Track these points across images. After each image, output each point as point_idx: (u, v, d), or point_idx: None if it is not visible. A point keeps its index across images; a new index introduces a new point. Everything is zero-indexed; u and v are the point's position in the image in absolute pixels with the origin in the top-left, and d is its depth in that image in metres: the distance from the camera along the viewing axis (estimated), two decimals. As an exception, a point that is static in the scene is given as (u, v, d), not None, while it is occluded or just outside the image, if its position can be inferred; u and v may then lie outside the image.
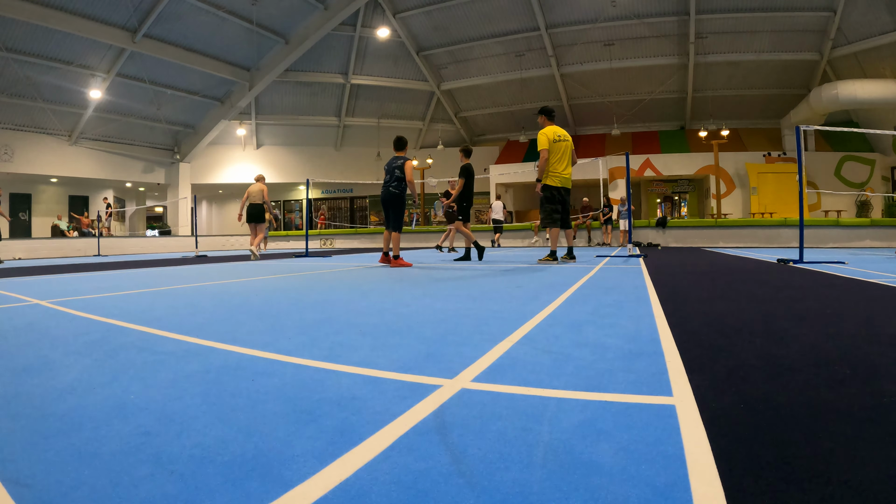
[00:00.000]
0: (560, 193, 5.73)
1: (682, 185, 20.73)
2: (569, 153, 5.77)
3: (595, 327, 1.83)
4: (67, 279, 4.81)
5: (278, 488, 0.69)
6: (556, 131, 5.73)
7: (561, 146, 5.69)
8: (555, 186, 5.70)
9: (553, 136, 5.67)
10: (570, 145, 5.79)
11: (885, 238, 12.15)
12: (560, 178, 5.71)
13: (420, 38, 18.97)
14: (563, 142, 5.71)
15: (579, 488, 0.68)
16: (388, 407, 1.01)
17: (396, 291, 3.14)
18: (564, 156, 5.72)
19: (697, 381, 1.16)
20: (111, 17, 14.33)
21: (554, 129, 5.73)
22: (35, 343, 1.74)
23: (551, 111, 5.90)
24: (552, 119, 5.88)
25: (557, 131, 5.74)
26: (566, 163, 5.73)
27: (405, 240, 17.44)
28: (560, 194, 5.73)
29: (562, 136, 5.74)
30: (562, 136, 5.73)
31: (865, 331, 1.72)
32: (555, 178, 5.70)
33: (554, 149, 5.66)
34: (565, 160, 5.73)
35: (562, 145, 5.70)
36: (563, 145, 5.71)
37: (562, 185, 5.72)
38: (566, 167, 5.74)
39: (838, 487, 0.66)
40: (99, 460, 0.79)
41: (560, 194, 5.73)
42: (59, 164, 17.65)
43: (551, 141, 5.64)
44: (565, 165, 5.72)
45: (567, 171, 5.75)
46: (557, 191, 5.71)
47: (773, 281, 3.59)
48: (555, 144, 5.66)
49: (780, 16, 15.41)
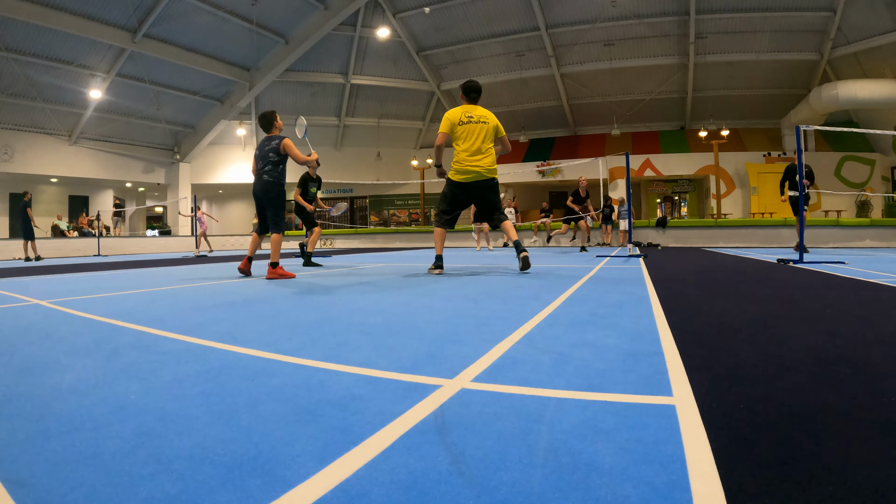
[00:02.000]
0: (466, 190, 4.48)
1: (682, 185, 20.75)
2: (479, 137, 4.40)
3: (595, 327, 1.83)
4: (67, 279, 4.81)
5: (278, 488, 0.69)
6: (468, 110, 4.45)
7: (468, 128, 4.40)
8: (458, 181, 4.47)
9: (460, 117, 4.42)
10: (483, 127, 4.42)
11: (885, 238, 12.15)
12: (466, 170, 4.43)
13: (420, 38, 18.97)
14: (472, 123, 4.40)
15: (579, 488, 0.68)
16: (389, 407, 1.01)
17: (396, 291, 3.14)
18: (471, 141, 4.39)
19: (697, 381, 1.16)
20: (111, 17, 14.33)
21: (465, 108, 4.48)
22: (35, 343, 1.74)
23: (469, 87, 4.58)
24: (468, 97, 4.57)
25: (469, 111, 4.45)
26: (475, 150, 4.39)
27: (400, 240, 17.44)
28: (466, 191, 4.49)
29: (475, 116, 4.42)
30: (474, 117, 4.41)
31: (865, 331, 1.72)
32: (458, 172, 4.46)
33: (459, 132, 4.41)
34: (474, 147, 4.38)
35: (469, 128, 4.40)
36: (470, 128, 4.40)
37: (467, 181, 4.44)
38: (475, 156, 4.39)
39: (838, 487, 0.66)
40: (99, 460, 0.79)
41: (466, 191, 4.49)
42: (59, 164, 17.66)
43: (455, 123, 4.42)
44: (476, 154, 4.39)
45: (481, 161, 4.40)
46: (461, 186, 4.46)
47: (773, 281, 3.59)
48: (460, 127, 4.41)
49: (780, 16, 15.41)
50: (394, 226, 22.48)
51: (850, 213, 16.33)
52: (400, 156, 22.75)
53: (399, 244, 17.13)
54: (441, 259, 4.54)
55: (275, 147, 4.49)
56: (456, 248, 13.53)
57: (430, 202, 22.68)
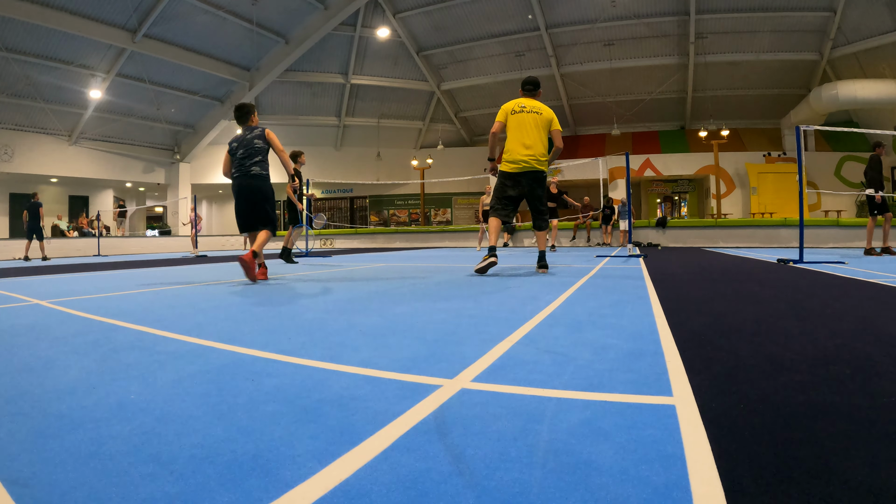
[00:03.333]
0: (515, 181, 4.43)
1: (682, 185, 20.75)
2: (531, 128, 4.37)
3: (595, 327, 1.83)
4: (67, 279, 4.81)
5: (278, 488, 0.69)
6: (521, 102, 4.47)
7: (518, 119, 4.39)
8: (508, 172, 4.44)
9: (512, 107, 4.44)
10: (534, 118, 4.39)
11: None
12: (516, 160, 4.38)
13: (420, 38, 18.97)
14: (524, 113, 4.39)
15: (579, 488, 0.68)
16: (388, 407, 1.01)
17: (396, 291, 3.14)
18: (523, 131, 4.36)
19: (697, 381, 1.16)
20: (111, 17, 14.33)
21: (519, 100, 4.50)
22: (35, 343, 1.74)
23: (527, 81, 4.62)
24: (524, 90, 4.61)
25: (522, 102, 4.46)
26: (526, 141, 4.36)
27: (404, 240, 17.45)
28: (515, 182, 4.43)
29: (527, 106, 4.42)
30: (527, 108, 4.41)
31: (865, 331, 1.72)
32: (508, 162, 4.43)
33: (510, 123, 4.42)
34: (528, 138, 4.35)
35: (520, 118, 4.39)
36: (521, 118, 4.39)
37: (516, 171, 4.39)
38: (530, 146, 4.35)
39: (838, 487, 0.66)
40: (99, 460, 0.79)
41: (515, 182, 4.43)
42: (59, 164, 17.65)
43: (508, 113, 4.43)
44: (524, 144, 4.36)
45: (530, 150, 4.35)
46: (510, 178, 4.43)
47: (772, 281, 3.59)
48: (512, 117, 4.41)
49: (780, 16, 15.41)
50: (394, 226, 22.48)
51: (850, 213, 16.33)
52: (400, 156, 22.75)
53: (399, 244, 17.13)
54: (494, 249, 4.36)
55: (259, 134, 4.19)
56: (456, 248, 13.53)
57: (430, 202, 22.70)
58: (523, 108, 4.43)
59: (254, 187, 4.15)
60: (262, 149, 4.16)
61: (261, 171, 4.17)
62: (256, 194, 4.15)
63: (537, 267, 4.56)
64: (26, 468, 0.77)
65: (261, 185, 4.18)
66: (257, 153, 4.14)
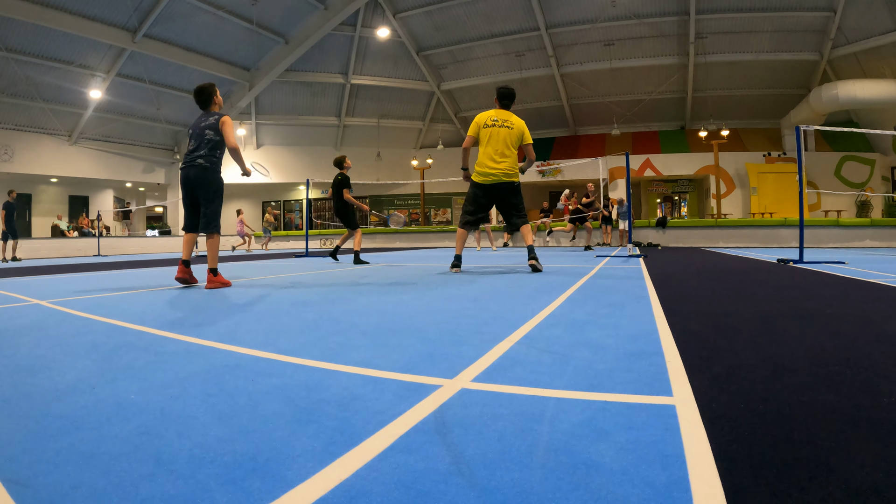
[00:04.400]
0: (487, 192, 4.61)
1: (682, 185, 20.75)
2: (503, 142, 4.52)
3: (595, 327, 1.83)
4: (67, 279, 4.81)
5: (278, 488, 0.69)
6: (492, 115, 4.61)
7: (489, 133, 4.54)
8: (480, 183, 4.61)
9: (485, 120, 4.58)
10: (508, 133, 4.54)
11: (885, 238, 12.14)
12: (488, 173, 4.55)
13: (420, 38, 18.97)
14: (497, 127, 4.54)
15: (579, 488, 0.68)
16: (389, 407, 1.01)
17: (396, 291, 3.14)
18: (493, 145, 4.53)
19: (697, 381, 1.16)
20: (111, 17, 14.34)
21: (492, 112, 4.64)
22: (35, 343, 1.74)
23: (502, 92, 4.73)
24: (501, 102, 4.71)
25: (494, 115, 4.61)
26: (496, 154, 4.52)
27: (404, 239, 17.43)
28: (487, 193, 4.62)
29: (500, 120, 4.56)
30: (500, 121, 4.55)
31: (865, 331, 1.72)
32: (478, 174, 4.60)
33: (482, 136, 4.57)
34: (496, 150, 4.52)
35: (492, 132, 4.54)
36: (493, 131, 4.54)
37: (486, 182, 4.57)
38: (496, 160, 4.52)
39: (838, 487, 0.66)
40: (99, 460, 0.79)
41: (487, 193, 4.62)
42: (59, 164, 17.65)
43: (480, 126, 4.59)
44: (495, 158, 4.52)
45: (501, 164, 4.52)
46: (483, 189, 4.60)
47: (773, 281, 3.59)
48: (484, 130, 4.56)
49: (780, 16, 15.42)
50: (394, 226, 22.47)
51: (850, 213, 16.33)
52: (400, 156, 22.75)
53: (399, 244, 17.13)
54: (459, 259, 4.71)
55: (213, 124, 3.72)
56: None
57: (430, 202, 22.70)
58: (495, 122, 4.57)
59: (195, 180, 3.67)
60: (214, 139, 3.71)
61: (206, 163, 3.68)
62: (197, 189, 3.69)
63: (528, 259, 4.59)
64: (26, 468, 0.77)
65: (205, 178, 3.68)
66: (206, 143, 3.69)
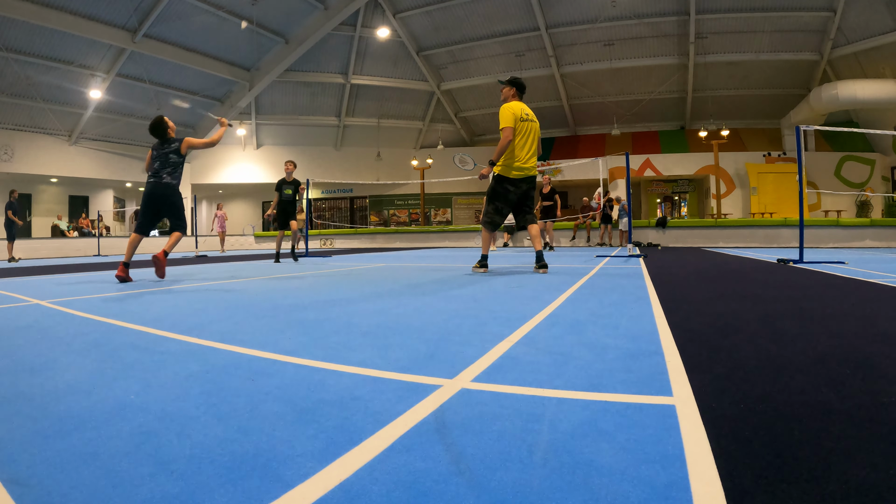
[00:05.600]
0: (517, 188, 4.49)
1: (682, 185, 20.75)
2: (535, 138, 4.54)
3: (595, 327, 1.83)
4: (67, 279, 4.81)
5: (278, 488, 0.69)
6: (524, 108, 4.52)
7: (527, 127, 4.44)
8: (514, 179, 4.45)
9: (521, 114, 4.44)
10: (536, 127, 4.55)
11: (885, 238, 12.15)
12: (523, 168, 4.44)
13: (420, 38, 18.97)
14: (529, 122, 4.47)
15: (579, 488, 0.68)
16: (388, 407, 1.01)
17: (396, 291, 3.14)
18: (530, 141, 4.47)
19: (697, 381, 1.16)
20: (111, 17, 14.33)
21: (521, 105, 4.52)
22: (35, 343, 1.74)
23: (522, 85, 4.64)
24: (522, 95, 4.62)
25: (525, 109, 4.52)
26: (532, 149, 4.49)
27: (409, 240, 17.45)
28: (517, 189, 4.50)
29: (530, 115, 4.53)
30: (530, 115, 4.52)
31: (865, 331, 1.72)
32: (514, 169, 4.43)
33: (520, 129, 4.41)
34: (533, 146, 4.50)
35: (528, 126, 4.45)
36: (528, 126, 4.46)
37: (521, 178, 4.47)
38: (531, 155, 4.49)
39: (838, 487, 0.66)
40: (99, 460, 0.79)
41: (517, 189, 4.50)
42: (59, 164, 17.65)
43: (518, 118, 4.39)
44: (530, 153, 4.48)
45: (532, 160, 4.49)
46: (515, 184, 4.47)
47: (773, 281, 3.59)
48: (521, 124, 4.41)
49: (780, 16, 15.42)
50: (394, 226, 22.49)
51: (850, 213, 16.33)
52: (400, 156, 22.75)
53: (399, 244, 17.13)
54: (486, 259, 4.60)
55: (175, 148, 4.53)
56: (456, 248, 13.53)
57: (430, 202, 22.69)
58: (528, 116, 4.52)
59: (162, 195, 4.48)
60: (176, 162, 4.55)
61: (172, 180, 4.53)
62: (163, 202, 4.51)
63: (536, 266, 4.51)
64: (26, 468, 0.77)
65: (169, 193, 4.52)
66: (171, 164, 4.52)
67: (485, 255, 4.60)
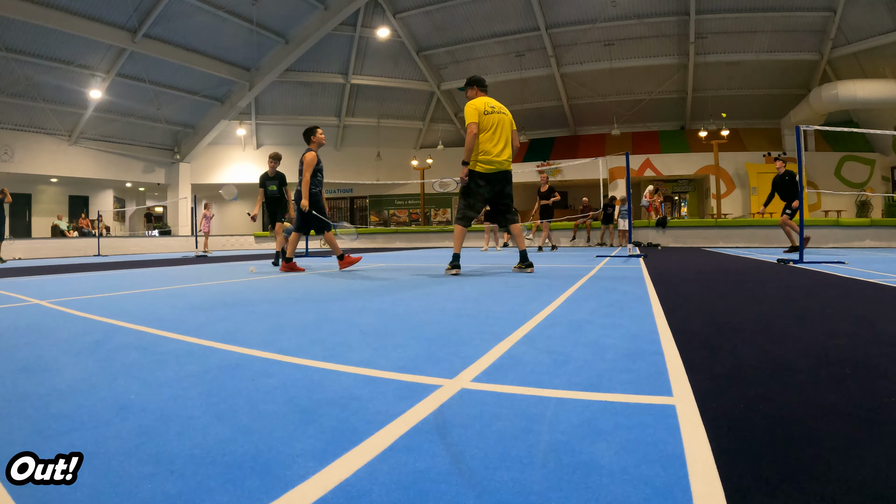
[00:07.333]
0: (489, 182, 4.41)
1: (682, 185, 20.74)
2: (506, 129, 4.46)
3: (595, 327, 1.83)
4: (67, 279, 4.81)
5: (278, 488, 0.69)
6: (489, 102, 4.47)
7: (494, 119, 4.39)
8: (484, 173, 4.38)
9: (485, 108, 4.40)
10: (506, 119, 4.48)
11: (885, 238, 12.14)
12: (493, 161, 4.37)
13: (420, 38, 18.98)
14: (497, 114, 4.43)
15: (579, 488, 0.68)
16: (388, 407, 1.01)
17: (397, 291, 3.14)
18: (499, 133, 4.40)
19: (697, 381, 1.16)
20: (111, 17, 14.34)
21: (486, 99, 4.49)
22: (35, 343, 1.74)
23: (481, 80, 4.61)
24: (484, 89, 4.61)
25: (490, 102, 4.47)
26: (503, 143, 4.42)
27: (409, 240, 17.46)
28: (489, 183, 4.42)
29: (496, 107, 4.47)
30: (496, 108, 4.46)
31: (865, 331, 1.72)
32: (484, 163, 4.37)
33: (485, 123, 4.37)
34: (502, 139, 4.41)
35: (495, 118, 4.40)
36: (496, 119, 4.40)
37: (495, 171, 4.40)
38: (502, 148, 4.41)
39: (838, 487, 0.66)
40: (99, 460, 0.79)
41: (489, 183, 4.42)
42: (59, 164, 17.66)
43: (481, 113, 4.37)
44: (502, 145, 4.40)
45: (505, 152, 4.43)
46: (486, 179, 4.40)
47: (772, 281, 3.59)
48: (486, 117, 4.37)
49: (780, 16, 15.42)
50: (394, 226, 22.48)
51: (850, 213, 16.32)
52: (400, 156, 22.75)
53: (399, 244, 17.13)
54: (458, 258, 4.42)
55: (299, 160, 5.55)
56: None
57: (430, 202, 22.68)
58: (493, 109, 4.43)
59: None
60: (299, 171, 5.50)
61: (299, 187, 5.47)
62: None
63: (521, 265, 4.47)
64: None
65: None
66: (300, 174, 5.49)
67: (456, 254, 4.43)
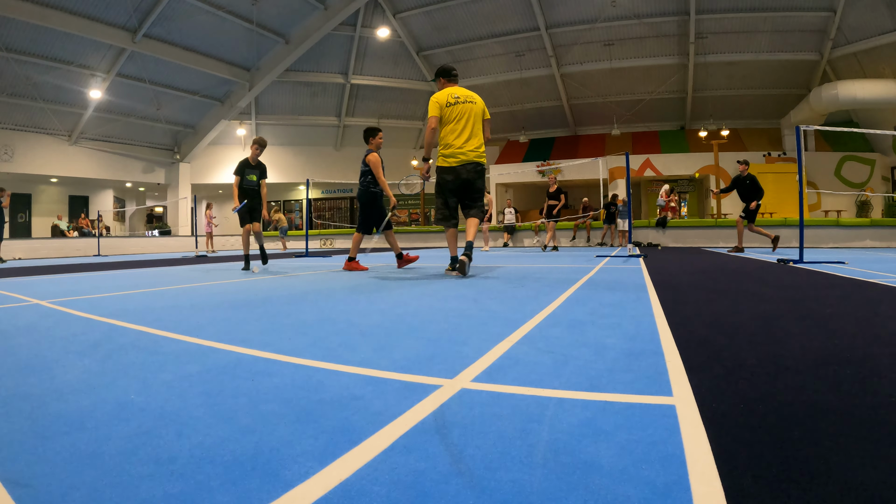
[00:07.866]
0: (456, 174, 4.15)
1: (682, 185, 20.74)
2: (474, 120, 4.17)
3: (595, 327, 1.83)
4: (67, 279, 4.81)
5: (278, 488, 0.69)
6: (454, 92, 4.20)
7: (458, 110, 4.13)
8: (448, 167, 4.16)
9: (447, 99, 4.15)
10: (474, 108, 4.19)
11: (885, 238, 12.14)
12: (457, 154, 4.12)
13: (420, 38, 18.98)
14: (462, 104, 4.15)
15: (579, 488, 0.68)
16: (388, 407, 1.01)
17: (396, 291, 3.14)
18: (464, 123, 4.13)
19: (697, 381, 1.15)
20: (111, 17, 14.34)
21: (451, 90, 4.22)
22: (35, 343, 1.74)
23: (449, 70, 4.36)
24: (452, 79, 4.34)
25: (455, 92, 4.20)
26: (469, 133, 4.13)
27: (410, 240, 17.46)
28: (456, 176, 4.15)
29: (462, 97, 4.18)
30: (461, 98, 4.17)
31: (865, 331, 1.72)
32: (448, 157, 4.14)
33: (448, 115, 4.13)
34: (466, 130, 4.13)
35: (460, 109, 4.14)
36: (461, 109, 4.14)
37: (459, 164, 4.13)
38: (468, 139, 4.13)
39: (838, 487, 0.66)
40: (99, 460, 0.79)
41: (456, 176, 4.15)
42: (59, 164, 17.66)
43: (443, 105, 4.13)
44: (466, 136, 4.12)
45: (471, 143, 4.13)
46: (452, 172, 4.16)
47: (773, 281, 3.59)
48: (448, 109, 4.13)
49: (780, 16, 15.42)
50: (394, 226, 22.49)
51: (850, 213, 16.33)
52: (400, 156, 22.74)
53: (399, 244, 17.13)
54: (456, 259, 4.20)
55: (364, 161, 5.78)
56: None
57: (431, 202, 22.68)
58: (458, 99, 4.16)
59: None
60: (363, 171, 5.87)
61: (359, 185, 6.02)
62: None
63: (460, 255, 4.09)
64: (26, 468, 0.77)
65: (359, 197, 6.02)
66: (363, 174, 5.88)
67: (453, 256, 4.30)
